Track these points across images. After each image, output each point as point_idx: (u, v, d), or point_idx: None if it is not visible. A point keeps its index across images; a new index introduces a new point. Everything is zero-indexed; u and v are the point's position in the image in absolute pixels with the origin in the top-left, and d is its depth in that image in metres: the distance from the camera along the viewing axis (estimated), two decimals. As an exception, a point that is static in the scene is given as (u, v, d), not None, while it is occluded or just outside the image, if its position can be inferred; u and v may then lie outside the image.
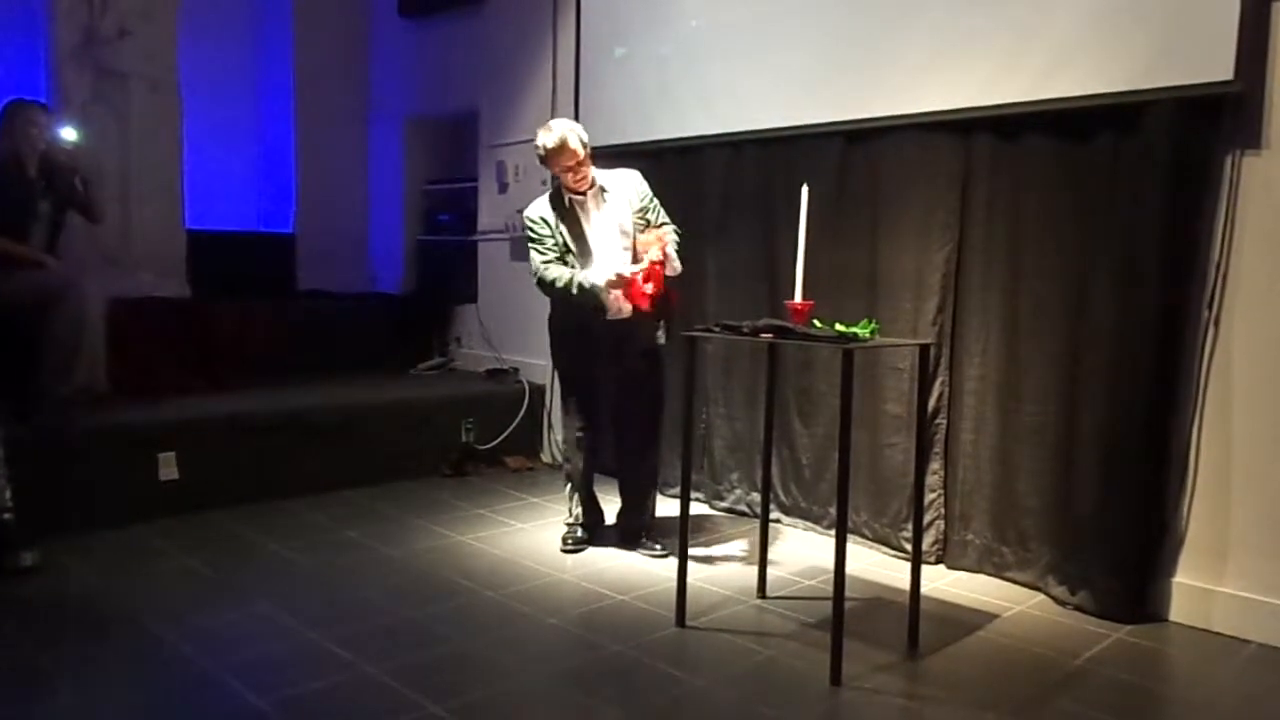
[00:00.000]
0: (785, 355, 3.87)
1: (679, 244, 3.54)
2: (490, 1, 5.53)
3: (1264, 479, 2.93)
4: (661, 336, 3.63)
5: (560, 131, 3.44)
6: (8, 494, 3.25)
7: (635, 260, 3.48)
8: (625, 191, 3.56)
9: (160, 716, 2.37)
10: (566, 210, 3.54)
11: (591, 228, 3.53)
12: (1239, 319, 2.96)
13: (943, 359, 3.55)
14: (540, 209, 3.57)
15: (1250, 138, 2.90)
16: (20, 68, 4.83)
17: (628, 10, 4.59)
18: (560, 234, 3.51)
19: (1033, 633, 3.00)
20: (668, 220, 3.62)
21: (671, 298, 3.55)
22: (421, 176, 6.49)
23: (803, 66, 3.89)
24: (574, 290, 3.44)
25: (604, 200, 3.55)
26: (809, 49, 3.87)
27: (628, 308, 3.46)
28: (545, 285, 3.52)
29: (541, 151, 3.47)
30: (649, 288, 3.37)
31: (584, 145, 3.47)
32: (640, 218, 3.56)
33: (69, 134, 4.17)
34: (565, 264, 3.51)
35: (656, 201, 3.63)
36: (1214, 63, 2.85)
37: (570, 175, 3.48)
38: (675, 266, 3.48)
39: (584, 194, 3.54)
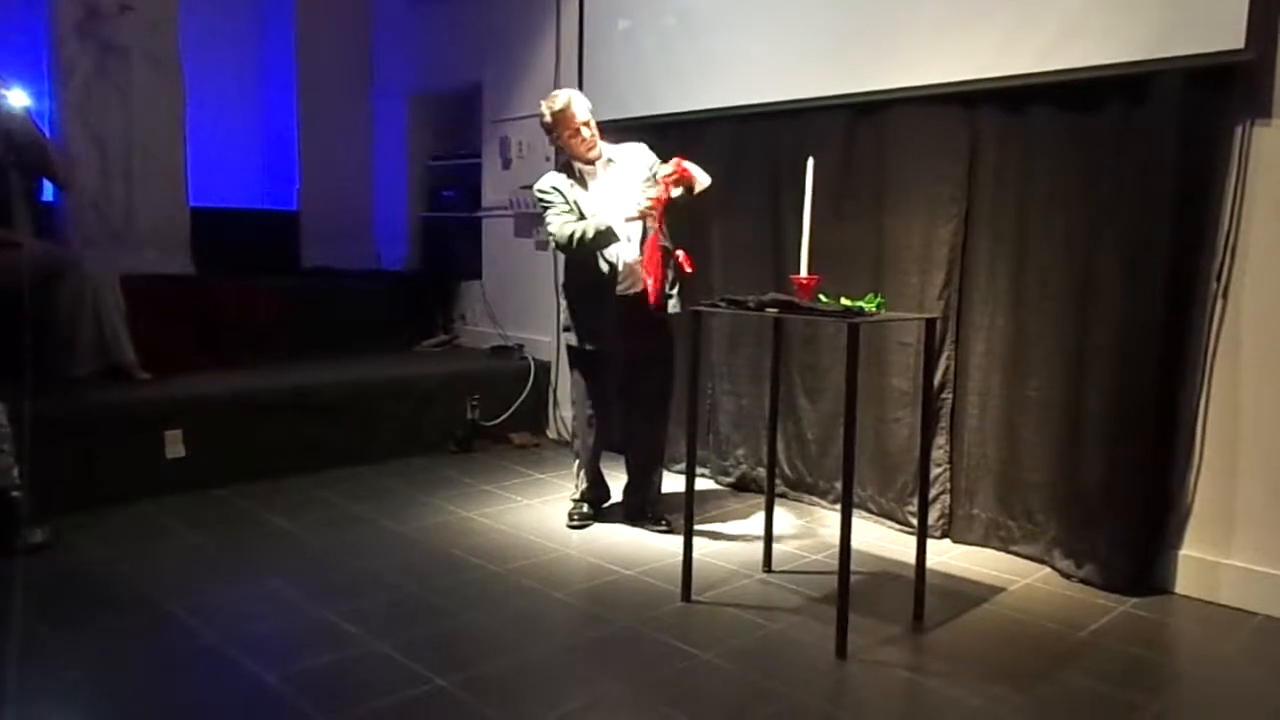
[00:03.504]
0: (791, 330, 3.86)
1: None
2: (493, -25, 5.49)
3: (1271, 452, 2.92)
4: (674, 305, 3.56)
5: (565, 96, 3.49)
6: (16, 471, 3.26)
7: (643, 238, 3.46)
8: (633, 163, 3.55)
9: (169, 691, 2.38)
10: (577, 179, 3.54)
11: (600, 198, 3.50)
12: (1248, 291, 2.94)
13: (949, 333, 3.54)
14: (551, 179, 3.56)
15: (1261, 107, 2.86)
16: (21, 42, 4.81)
17: (631, -18, 4.55)
18: (573, 202, 3.50)
19: (1038, 606, 3.00)
20: None
21: (684, 263, 3.51)
22: (425, 152, 6.46)
23: (808, 39, 3.85)
24: (591, 235, 3.36)
25: (612, 171, 3.54)
26: (814, 21, 3.83)
27: (640, 278, 3.44)
28: (568, 242, 3.42)
29: (547, 117, 3.49)
30: (676, 192, 3.28)
31: (589, 112, 3.50)
32: (649, 186, 3.54)
33: (19, 99, 3.98)
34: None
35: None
36: (1225, 31, 2.81)
37: (577, 141, 3.48)
38: (703, 179, 3.33)
39: (593, 164, 3.53)
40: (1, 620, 2.70)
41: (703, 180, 3.34)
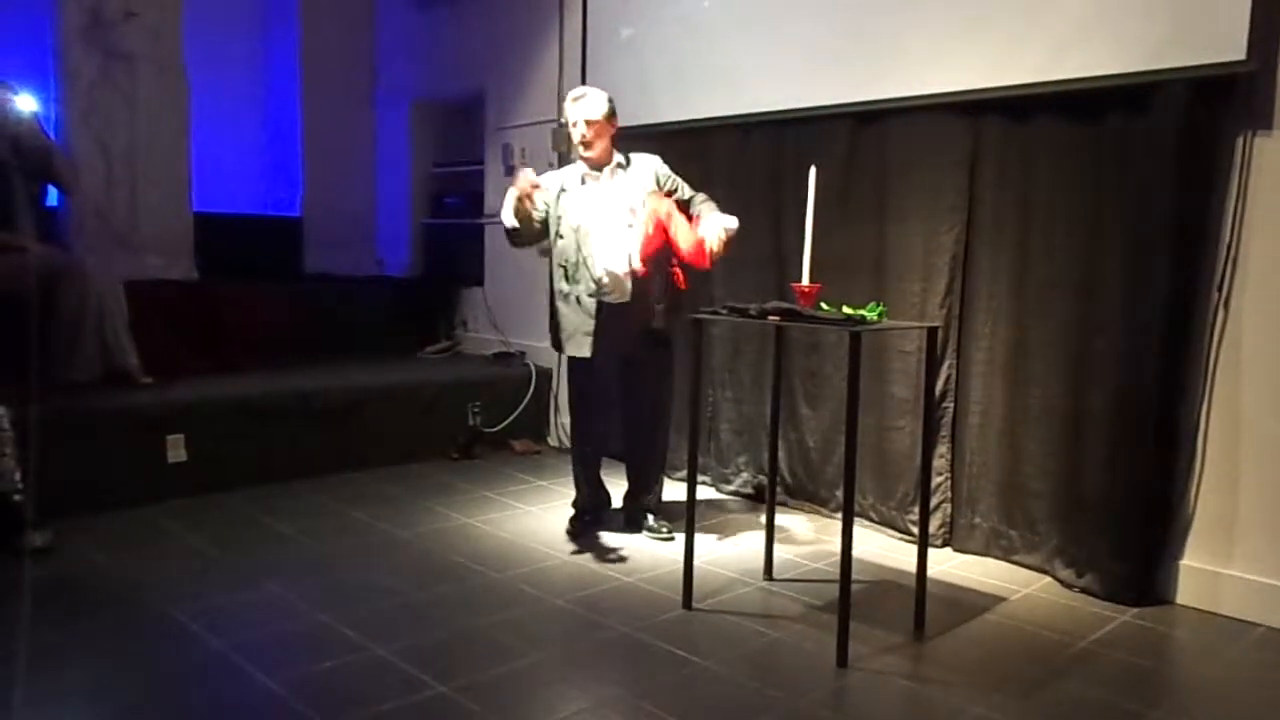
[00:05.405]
0: (792, 338, 3.87)
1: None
2: (496, -18, 5.51)
3: (1272, 461, 2.92)
4: (659, 321, 3.51)
5: (579, 91, 3.52)
6: (17, 475, 3.26)
7: (645, 237, 3.45)
8: (644, 173, 3.52)
9: (170, 696, 2.38)
10: (579, 183, 3.53)
11: (599, 202, 3.49)
12: (1249, 301, 2.94)
13: (950, 341, 3.54)
14: (556, 176, 3.58)
15: (1262, 118, 2.87)
16: (27, 48, 4.82)
17: (635, -10, 4.57)
18: (560, 208, 3.50)
19: (1039, 615, 3.00)
20: (696, 193, 3.55)
21: (678, 280, 3.52)
22: (428, 159, 6.47)
23: (812, 47, 3.86)
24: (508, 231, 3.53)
25: (619, 178, 3.52)
26: (818, 30, 3.84)
27: (627, 289, 3.44)
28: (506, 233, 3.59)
29: (569, 106, 3.49)
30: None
31: (611, 114, 3.48)
32: (652, 197, 3.54)
33: (26, 104, 3.99)
34: (560, 237, 3.50)
35: (680, 180, 3.57)
36: (1227, 42, 2.82)
37: (586, 137, 3.45)
38: (730, 224, 3.29)
39: (600, 170, 3.52)
40: (3, 624, 2.70)
41: (725, 228, 3.27)
